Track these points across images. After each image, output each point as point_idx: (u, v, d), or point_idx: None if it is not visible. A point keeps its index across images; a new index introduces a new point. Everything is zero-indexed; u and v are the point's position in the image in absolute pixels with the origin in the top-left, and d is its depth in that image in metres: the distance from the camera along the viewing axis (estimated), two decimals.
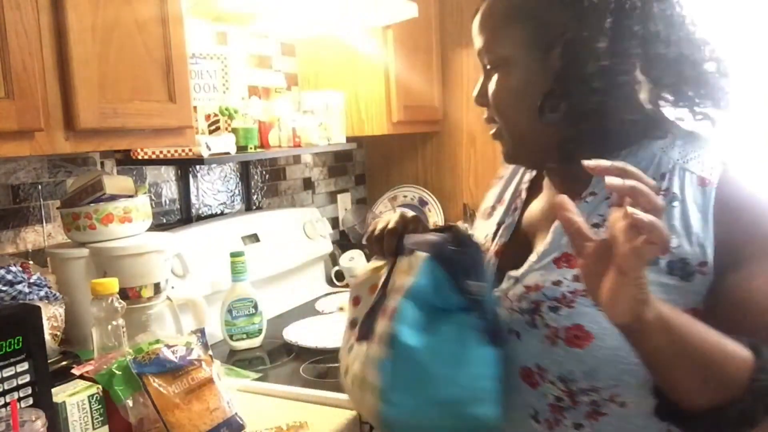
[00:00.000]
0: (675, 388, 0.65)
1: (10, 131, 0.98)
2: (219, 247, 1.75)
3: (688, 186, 0.73)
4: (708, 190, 0.72)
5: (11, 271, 1.14)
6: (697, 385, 0.63)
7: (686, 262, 0.70)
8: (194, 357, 1.08)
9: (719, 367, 0.62)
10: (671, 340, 0.61)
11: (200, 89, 1.72)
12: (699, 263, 0.70)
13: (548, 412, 0.76)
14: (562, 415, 0.75)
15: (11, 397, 0.95)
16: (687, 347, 0.61)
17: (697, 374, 0.63)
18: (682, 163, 0.74)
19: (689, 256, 0.70)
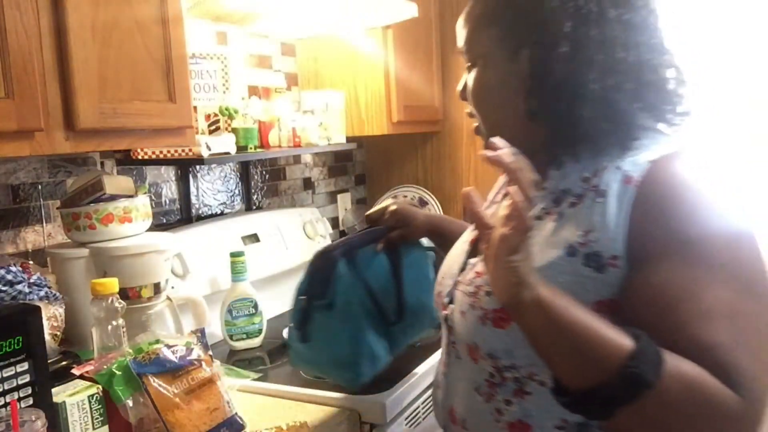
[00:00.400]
0: (552, 368, 0.70)
1: (10, 131, 0.98)
2: (219, 247, 1.74)
3: (614, 183, 0.76)
4: (630, 188, 0.75)
5: (11, 271, 1.14)
6: (571, 367, 0.68)
7: (600, 255, 0.74)
8: (194, 357, 1.08)
9: (593, 352, 0.65)
10: (548, 322, 0.66)
11: (200, 89, 1.72)
12: (611, 257, 0.74)
13: (486, 386, 0.85)
14: (495, 390, 0.84)
15: (11, 397, 0.95)
16: (563, 331, 0.66)
17: (571, 356, 0.67)
18: (617, 162, 0.78)
19: (603, 250, 0.74)
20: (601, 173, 0.79)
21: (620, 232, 0.74)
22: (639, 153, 0.78)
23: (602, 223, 0.75)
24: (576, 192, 0.80)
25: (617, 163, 0.78)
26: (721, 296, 0.68)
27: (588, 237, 0.76)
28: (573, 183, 0.81)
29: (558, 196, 0.82)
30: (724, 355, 0.65)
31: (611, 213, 0.75)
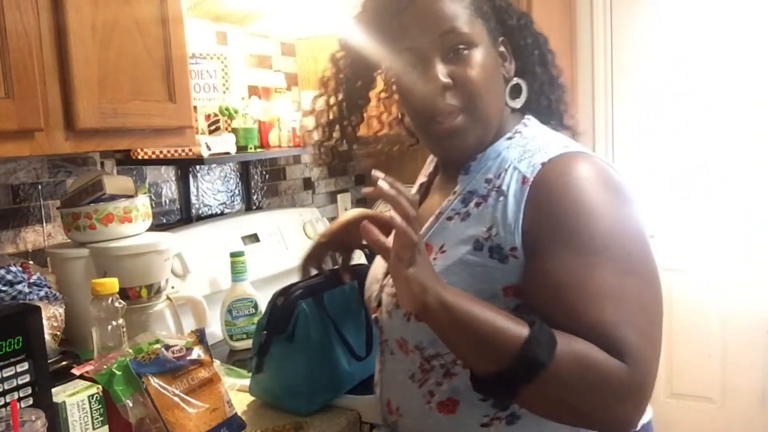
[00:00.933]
0: (462, 359, 0.83)
1: (10, 131, 0.98)
2: (219, 247, 1.74)
3: (513, 183, 0.85)
4: (525, 187, 0.84)
5: (11, 271, 1.14)
6: (477, 357, 0.77)
7: (501, 248, 0.83)
8: (194, 357, 1.08)
9: (494, 342, 0.74)
10: (452, 321, 0.75)
11: (200, 89, 1.72)
12: (511, 248, 0.83)
13: (419, 373, 0.92)
14: (427, 376, 0.91)
15: (11, 397, 0.95)
16: (466, 327, 0.75)
17: (475, 348, 0.76)
18: (516, 163, 0.87)
19: (503, 243, 0.83)
20: (503, 175, 0.87)
21: (517, 226, 0.82)
22: (535, 155, 0.87)
23: (502, 219, 0.84)
24: (481, 193, 0.89)
25: (516, 165, 0.87)
26: (606, 278, 0.76)
27: (491, 232, 0.84)
28: (478, 184, 0.90)
29: (465, 197, 0.91)
30: (611, 331, 0.73)
31: (510, 210, 0.84)
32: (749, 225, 2.44)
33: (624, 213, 0.83)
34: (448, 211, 0.92)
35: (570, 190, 0.81)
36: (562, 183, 0.82)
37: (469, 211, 0.89)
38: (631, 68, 2.55)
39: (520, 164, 0.86)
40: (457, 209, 0.91)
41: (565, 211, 0.80)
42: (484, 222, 0.85)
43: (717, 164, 2.47)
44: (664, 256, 2.54)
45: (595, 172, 0.84)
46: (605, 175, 0.85)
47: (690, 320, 2.56)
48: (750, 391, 2.50)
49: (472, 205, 0.89)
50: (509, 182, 0.86)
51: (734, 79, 2.40)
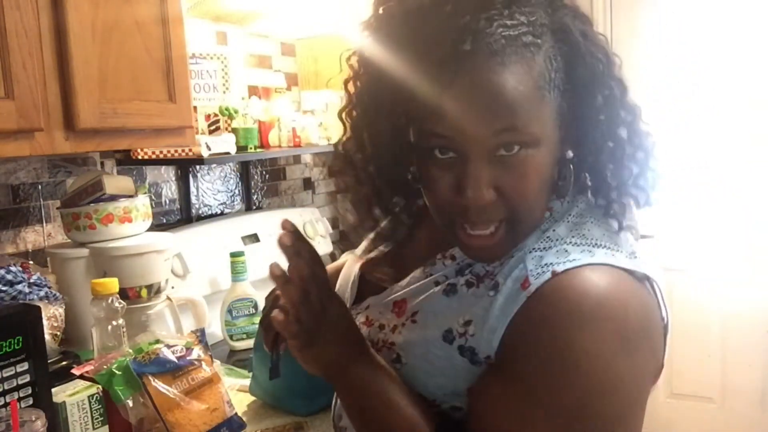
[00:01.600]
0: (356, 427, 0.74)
1: (10, 131, 0.98)
2: (219, 247, 1.74)
3: (510, 281, 0.67)
4: (522, 295, 0.65)
5: (11, 271, 1.14)
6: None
7: (475, 352, 0.68)
8: (194, 357, 1.08)
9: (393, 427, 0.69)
10: (355, 399, 0.71)
11: (200, 89, 1.72)
12: (486, 356, 0.68)
13: None
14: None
15: (11, 397, 0.95)
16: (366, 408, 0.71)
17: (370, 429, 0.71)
18: (527, 254, 0.68)
19: (478, 347, 0.68)
20: (508, 262, 0.69)
21: (498, 335, 0.66)
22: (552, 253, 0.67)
23: (484, 319, 0.67)
24: (476, 272, 0.72)
25: (526, 257, 0.68)
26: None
27: (467, 328, 0.68)
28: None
29: (462, 268, 0.73)
30: None
31: (495, 312, 0.66)
32: (749, 225, 2.44)
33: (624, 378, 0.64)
34: (438, 274, 0.74)
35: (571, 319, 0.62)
36: (564, 310, 0.63)
37: (458, 288, 0.71)
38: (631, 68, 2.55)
39: (530, 259, 0.67)
40: (448, 277, 0.73)
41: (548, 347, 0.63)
42: (465, 312, 0.69)
43: (717, 164, 2.47)
44: (664, 256, 2.55)
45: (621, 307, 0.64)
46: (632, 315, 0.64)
47: (690, 320, 2.56)
48: (750, 391, 2.50)
49: (463, 282, 0.71)
50: (508, 276, 0.67)
51: (734, 79, 2.40)
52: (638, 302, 0.66)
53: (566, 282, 0.64)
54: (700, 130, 2.47)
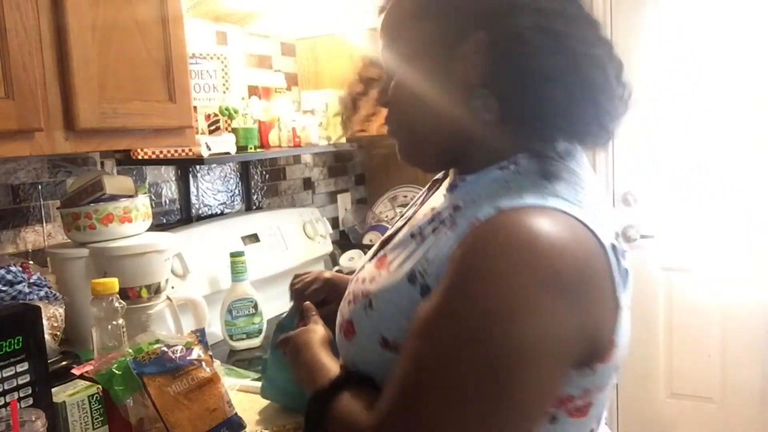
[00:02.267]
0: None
1: (10, 131, 0.98)
2: (219, 247, 1.74)
3: (464, 221, 0.70)
4: (470, 232, 0.67)
5: (11, 271, 1.14)
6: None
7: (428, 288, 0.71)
8: (194, 357, 1.08)
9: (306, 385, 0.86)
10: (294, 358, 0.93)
11: (200, 89, 1.72)
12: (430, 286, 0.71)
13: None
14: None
15: (11, 397, 0.95)
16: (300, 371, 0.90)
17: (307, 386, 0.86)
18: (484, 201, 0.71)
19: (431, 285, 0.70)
20: (468, 207, 0.73)
21: (444, 266, 0.69)
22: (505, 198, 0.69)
23: (436, 256, 0.71)
24: (442, 217, 0.76)
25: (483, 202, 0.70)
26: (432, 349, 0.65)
27: (426, 268, 0.72)
28: (445, 208, 0.77)
29: (432, 218, 0.78)
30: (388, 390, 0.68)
31: (444, 249, 0.70)
32: (749, 225, 2.44)
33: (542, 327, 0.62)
34: (415, 227, 0.80)
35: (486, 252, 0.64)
36: (491, 242, 0.64)
37: (425, 233, 0.77)
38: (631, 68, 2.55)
39: (484, 204, 0.70)
40: (422, 228, 0.78)
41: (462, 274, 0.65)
42: (427, 254, 0.73)
43: (717, 164, 2.47)
44: (664, 256, 2.55)
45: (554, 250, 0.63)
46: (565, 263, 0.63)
47: (690, 320, 2.56)
48: (750, 391, 2.50)
49: (430, 229, 0.76)
50: (464, 218, 0.71)
51: (734, 79, 2.40)
52: (579, 254, 0.64)
53: (508, 218, 0.66)
54: (700, 130, 2.47)
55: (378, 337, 0.75)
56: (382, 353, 0.75)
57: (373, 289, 0.78)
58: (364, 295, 0.79)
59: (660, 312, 2.61)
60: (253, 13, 1.84)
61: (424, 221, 0.79)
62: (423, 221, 0.79)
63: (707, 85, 2.44)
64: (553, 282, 0.62)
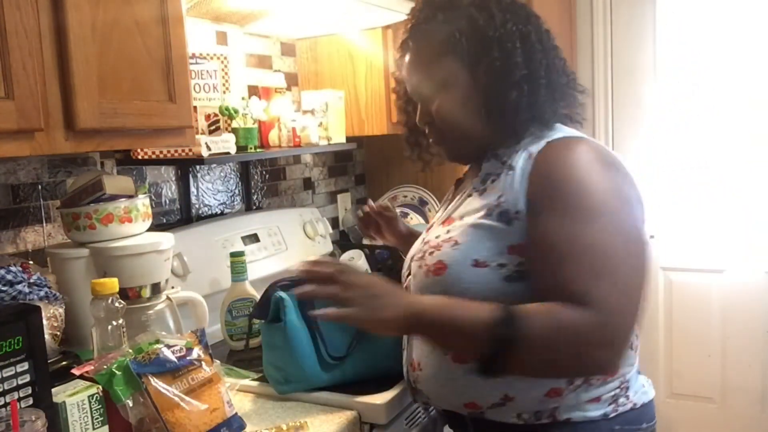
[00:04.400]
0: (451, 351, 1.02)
1: (10, 131, 0.98)
2: (219, 247, 1.74)
3: (521, 160, 1.01)
4: (530, 161, 0.99)
5: (11, 271, 1.14)
6: (460, 347, 0.98)
7: (507, 211, 0.99)
8: (194, 357, 1.08)
9: (470, 333, 0.90)
10: (431, 328, 0.94)
11: (200, 89, 1.72)
12: (515, 212, 0.98)
13: None
14: None
15: (11, 397, 0.95)
16: (444, 328, 0.93)
17: (457, 342, 0.94)
18: (528, 147, 1.02)
19: (509, 208, 0.98)
20: (514, 156, 1.03)
21: (521, 192, 0.98)
22: (543, 139, 1.02)
23: (510, 188, 1.00)
24: (496, 172, 1.04)
25: (527, 147, 1.02)
26: (586, 238, 0.90)
27: (500, 200, 1.00)
28: (494, 167, 1.06)
29: (483, 178, 1.07)
30: (578, 286, 0.87)
31: (516, 180, 0.99)
32: (749, 225, 2.44)
33: (612, 182, 0.96)
34: (469, 189, 1.09)
35: (565, 161, 0.97)
36: (562, 156, 0.98)
37: (486, 187, 1.05)
38: (631, 69, 2.55)
39: (531, 146, 1.02)
40: (476, 187, 1.07)
41: (559, 177, 0.96)
42: (496, 193, 1.01)
43: (717, 164, 2.47)
44: (664, 255, 2.55)
45: (592, 149, 1.00)
46: (600, 152, 1.00)
47: (690, 320, 2.56)
48: (750, 391, 2.50)
49: (489, 182, 1.05)
50: (518, 159, 1.01)
51: (734, 79, 2.40)
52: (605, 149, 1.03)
53: (558, 143, 1.01)
54: (700, 130, 2.47)
55: (470, 261, 0.99)
56: (475, 270, 0.98)
57: (455, 234, 1.03)
58: (446, 241, 1.03)
59: (660, 312, 2.61)
60: (253, 13, 1.84)
61: (476, 183, 1.08)
62: (474, 185, 1.08)
63: (707, 84, 2.44)
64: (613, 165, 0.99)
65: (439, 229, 1.08)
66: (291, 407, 1.26)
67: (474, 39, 1.05)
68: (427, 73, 1.09)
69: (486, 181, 1.06)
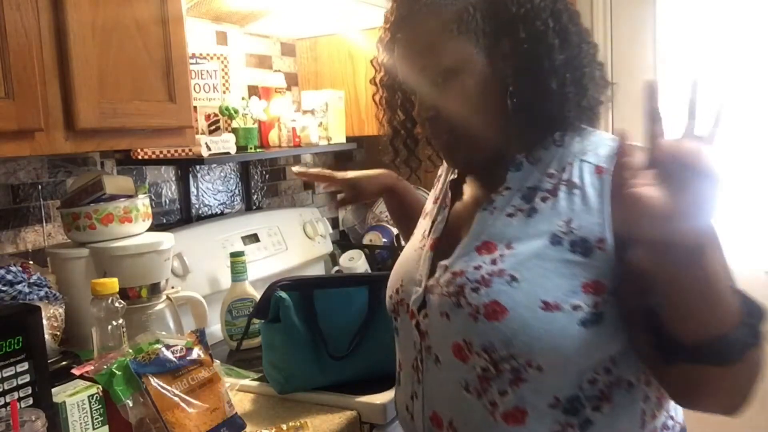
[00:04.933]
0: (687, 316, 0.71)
1: (10, 131, 0.98)
2: (219, 247, 1.74)
3: (586, 175, 0.83)
4: (604, 178, 0.82)
5: (11, 271, 1.14)
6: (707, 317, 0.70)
7: (586, 240, 0.80)
8: (194, 357, 1.08)
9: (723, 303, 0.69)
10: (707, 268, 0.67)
11: (200, 89, 1.72)
12: (597, 240, 0.79)
13: (477, 382, 0.84)
14: (488, 384, 0.84)
15: (11, 397, 0.95)
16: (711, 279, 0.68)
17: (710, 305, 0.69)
18: (580, 156, 0.85)
19: (588, 235, 0.80)
20: (569, 168, 0.85)
21: (605, 217, 0.80)
22: (598, 147, 0.86)
23: (584, 211, 0.81)
24: (546, 187, 0.86)
25: (582, 158, 0.85)
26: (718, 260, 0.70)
27: (570, 226, 0.81)
28: (539, 180, 0.87)
29: (526, 194, 0.87)
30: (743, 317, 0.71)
31: (591, 201, 0.81)
32: (748, 224, 2.44)
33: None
34: (507, 207, 0.87)
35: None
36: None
37: (535, 206, 0.85)
38: (631, 69, 2.55)
39: (586, 156, 0.85)
40: (518, 205, 0.86)
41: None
42: (560, 216, 0.82)
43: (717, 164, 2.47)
44: None
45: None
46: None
47: None
48: None
49: (538, 200, 0.85)
50: (580, 174, 0.84)
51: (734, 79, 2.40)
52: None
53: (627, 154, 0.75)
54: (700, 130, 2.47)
55: (538, 303, 0.79)
56: (546, 315, 0.78)
57: (510, 266, 0.82)
58: (498, 275, 0.82)
59: None
60: (253, 13, 1.84)
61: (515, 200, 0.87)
62: (512, 200, 0.87)
63: (707, 84, 2.43)
64: None
65: (478, 257, 0.86)
66: (291, 407, 1.26)
67: (492, 16, 0.84)
68: (433, 57, 0.86)
69: (532, 199, 0.86)
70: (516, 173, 0.89)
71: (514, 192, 0.88)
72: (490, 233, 0.87)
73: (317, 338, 1.30)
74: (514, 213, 0.86)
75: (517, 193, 0.87)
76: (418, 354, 0.93)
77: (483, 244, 0.86)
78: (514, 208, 0.86)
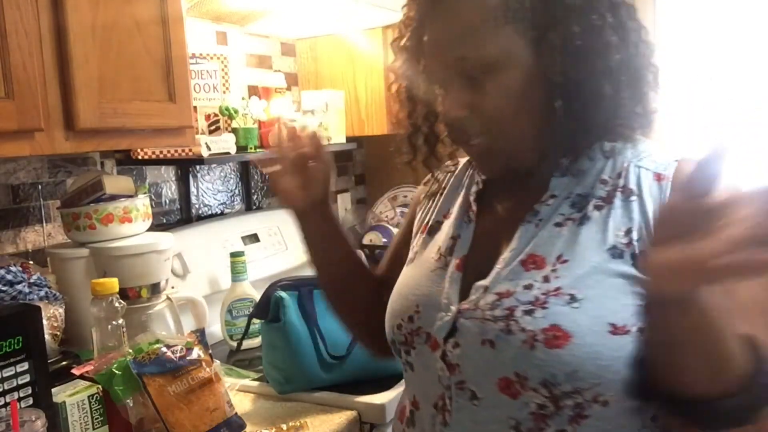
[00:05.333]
0: (683, 373, 0.65)
1: (10, 131, 0.98)
2: (219, 247, 1.74)
3: (644, 181, 0.75)
4: (664, 184, 0.74)
5: (11, 271, 1.14)
6: (707, 373, 0.64)
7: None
8: (194, 357, 1.08)
9: (728, 358, 0.62)
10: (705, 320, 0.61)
11: (200, 89, 1.72)
12: None
13: (530, 421, 0.72)
14: (545, 423, 0.72)
15: (11, 397, 0.95)
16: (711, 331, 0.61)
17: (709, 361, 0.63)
18: (636, 162, 0.77)
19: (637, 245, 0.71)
20: (624, 174, 0.76)
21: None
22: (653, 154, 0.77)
23: (644, 220, 0.73)
24: (599, 195, 0.76)
25: (637, 164, 0.77)
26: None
27: (631, 236, 0.72)
28: (590, 186, 0.77)
29: (576, 201, 0.77)
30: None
31: (651, 211, 0.73)
32: None
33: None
34: (554, 216, 0.77)
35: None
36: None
37: (588, 215, 0.75)
38: None
39: (643, 162, 0.77)
40: (567, 214, 0.77)
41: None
42: (618, 226, 0.73)
43: None
44: None
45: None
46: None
47: None
48: None
49: (591, 209, 0.76)
50: (637, 181, 0.75)
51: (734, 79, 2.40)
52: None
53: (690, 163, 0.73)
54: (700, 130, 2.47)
55: (605, 327, 0.68)
56: (614, 340, 0.68)
57: (567, 284, 0.71)
58: (554, 295, 0.71)
59: None
60: (253, 13, 1.84)
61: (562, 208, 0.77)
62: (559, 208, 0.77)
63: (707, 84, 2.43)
64: None
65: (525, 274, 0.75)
66: (291, 407, 1.26)
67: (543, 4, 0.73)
68: (473, 48, 0.74)
69: (584, 206, 0.76)
70: (561, 179, 0.79)
71: (561, 200, 0.78)
72: (536, 246, 0.76)
73: (317, 338, 1.30)
74: (563, 222, 0.76)
75: (565, 201, 0.78)
76: (446, 390, 0.78)
77: (529, 258, 0.75)
78: (562, 217, 0.77)
